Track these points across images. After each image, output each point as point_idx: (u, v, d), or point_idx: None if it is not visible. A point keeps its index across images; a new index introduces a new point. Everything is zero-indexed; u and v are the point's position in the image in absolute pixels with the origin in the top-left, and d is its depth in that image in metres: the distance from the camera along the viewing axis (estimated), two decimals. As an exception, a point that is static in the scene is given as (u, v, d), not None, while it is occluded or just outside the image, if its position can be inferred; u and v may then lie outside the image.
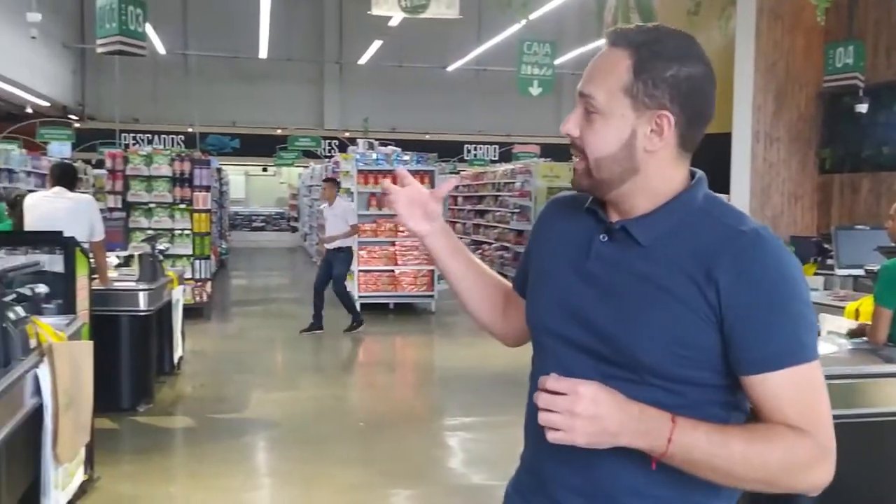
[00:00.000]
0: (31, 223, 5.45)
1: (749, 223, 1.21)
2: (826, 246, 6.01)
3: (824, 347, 3.26)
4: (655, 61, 1.21)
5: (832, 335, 3.68)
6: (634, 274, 1.23)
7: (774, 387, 1.16)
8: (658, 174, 1.25)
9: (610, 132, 1.23)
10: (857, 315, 3.92)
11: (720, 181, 7.69)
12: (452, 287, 1.56)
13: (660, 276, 1.20)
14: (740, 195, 7.33)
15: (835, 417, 1.19)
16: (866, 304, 3.75)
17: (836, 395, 1.48)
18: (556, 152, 16.75)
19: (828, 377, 1.21)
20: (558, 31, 18.52)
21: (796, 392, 1.16)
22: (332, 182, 9.73)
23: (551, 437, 1.10)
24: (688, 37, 1.25)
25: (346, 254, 9.29)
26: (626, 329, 1.21)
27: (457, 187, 19.45)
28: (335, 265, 9.05)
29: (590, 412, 1.09)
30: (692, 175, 1.30)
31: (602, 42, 1.29)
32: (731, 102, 7.54)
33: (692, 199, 1.26)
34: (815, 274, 5.68)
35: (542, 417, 1.10)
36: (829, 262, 5.66)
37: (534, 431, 1.30)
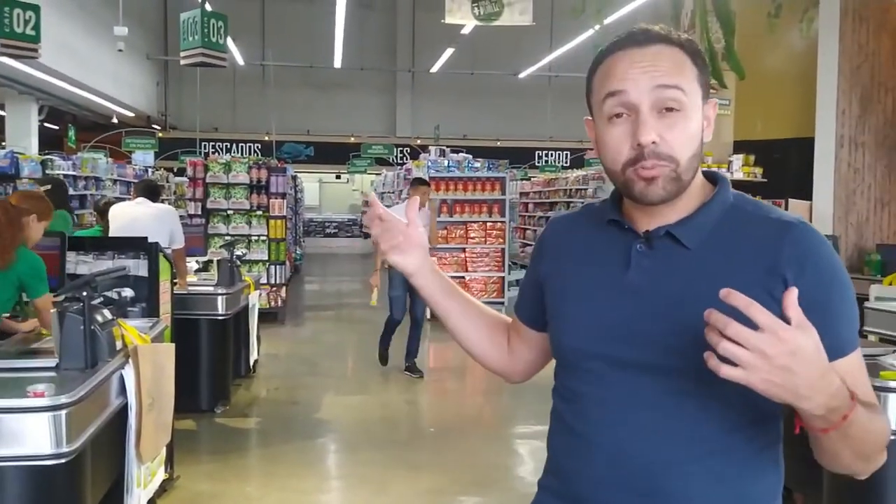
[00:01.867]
0: (116, 230, 5.68)
1: (788, 215, 1.20)
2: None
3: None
4: (698, 52, 1.22)
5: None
6: (688, 279, 1.18)
7: (841, 373, 1.13)
8: (697, 168, 1.23)
9: (693, 128, 1.19)
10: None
11: (803, 187, 7.46)
12: (450, 328, 1.47)
13: (717, 278, 1.14)
14: (823, 201, 7.10)
15: None
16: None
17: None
18: (630, 159, 16.54)
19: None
20: (632, 36, 18.24)
21: (856, 375, 1.16)
22: (426, 184, 7.87)
23: (725, 371, 0.96)
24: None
25: None
26: (694, 338, 1.13)
27: (528, 193, 19.39)
28: None
29: (783, 362, 0.95)
30: (710, 175, 1.28)
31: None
32: (814, 106, 7.32)
33: (726, 198, 1.24)
34: (904, 284, 5.45)
35: (725, 346, 0.95)
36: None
37: (577, 458, 1.26)
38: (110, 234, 5.74)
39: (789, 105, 8.56)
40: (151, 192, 6.08)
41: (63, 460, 2.47)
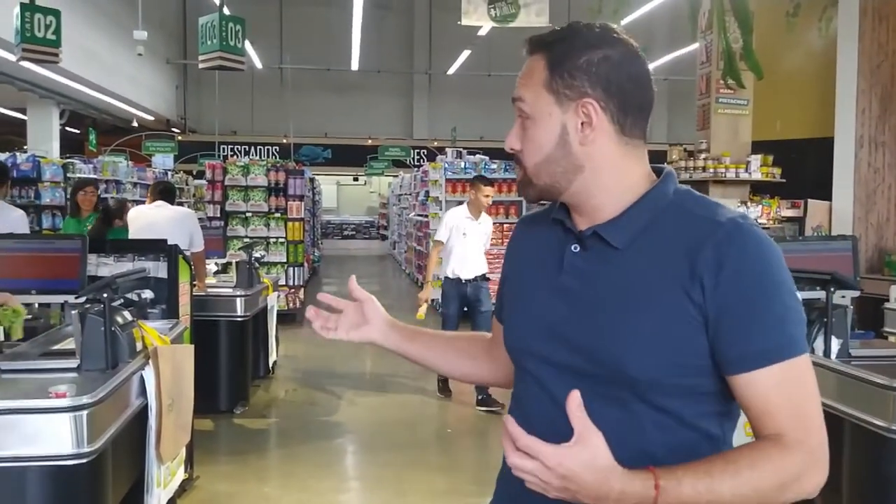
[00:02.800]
0: (135, 232, 5.73)
1: (726, 213, 1.15)
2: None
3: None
4: (568, 52, 1.19)
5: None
6: (613, 282, 1.16)
7: (762, 385, 1.10)
8: (609, 168, 1.20)
9: (541, 134, 1.21)
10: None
11: (822, 187, 7.40)
12: (428, 366, 1.52)
13: (640, 281, 1.14)
14: (843, 202, 7.04)
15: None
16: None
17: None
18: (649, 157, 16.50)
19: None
20: (649, 37, 18.21)
21: (784, 390, 1.10)
22: (490, 184, 6.58)
23: (528, 484, 1.03)
24: (603, 26, 1.22)
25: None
26: (611, 343, 1.13)
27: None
28: (484, 301, 6.34)
29: (558, 484, 1.00)
30: (659, 172, 1.24)
31: (695, 46, 1.26)
32: (833, 106, 7.26)
33: (662, 195, 1.19)
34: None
35: (515, 472, 1.02)
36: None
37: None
38: (130, 237, 5.80)
39: (808, 105, 8.49)
40: (168, 193, 6.11)
41: (84, 460, 2.49)
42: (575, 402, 0.99)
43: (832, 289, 3.03)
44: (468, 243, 6.35)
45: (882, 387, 2.82)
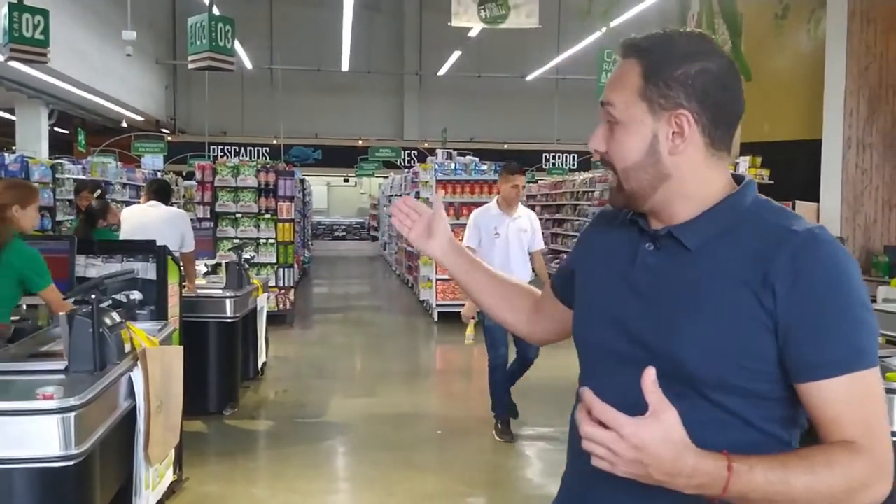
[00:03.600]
0: (127, 232, 5.71)
1: (802, 223, 1.16)
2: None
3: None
4: (665, 62, 1.20)
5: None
6: (683, 282, 1.19)
7: (830, 395, 1.11)
8: (693, 178, 1.22)
9: (631, 140, 1.22)
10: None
11: (810, 188, 7.44)
12: (473, 298, 1.60)
13: (710, 283, 1.16)
14: (831, 203, 7.08)
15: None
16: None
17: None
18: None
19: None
20: (639, 38, 18.22)
21: (853, 401, 1.11)
22: (519, 172, 5.69)
23: (594, 461, 1.04)
24: (700, 35, 1.23)
25: None
26: (677, 341, 1.16)
27: (535, 196, 19.38)
28: None
29: (631, 456, 1.01)
30: (739, 180, 1.26)
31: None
32: (821, 108, 7.30)
33: (740, 202, 1.22)
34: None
35: (585, 444, 1.03)
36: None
37: (578, 451, 1.22)
38: (122, 237, 5.78)
39: (797, 106, 8.53)
40: (163, 192, 6.09)
41: (72, 462, 2.48)
42: (650, 379, 1.02)
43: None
44: (508, 243, 5.47)
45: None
